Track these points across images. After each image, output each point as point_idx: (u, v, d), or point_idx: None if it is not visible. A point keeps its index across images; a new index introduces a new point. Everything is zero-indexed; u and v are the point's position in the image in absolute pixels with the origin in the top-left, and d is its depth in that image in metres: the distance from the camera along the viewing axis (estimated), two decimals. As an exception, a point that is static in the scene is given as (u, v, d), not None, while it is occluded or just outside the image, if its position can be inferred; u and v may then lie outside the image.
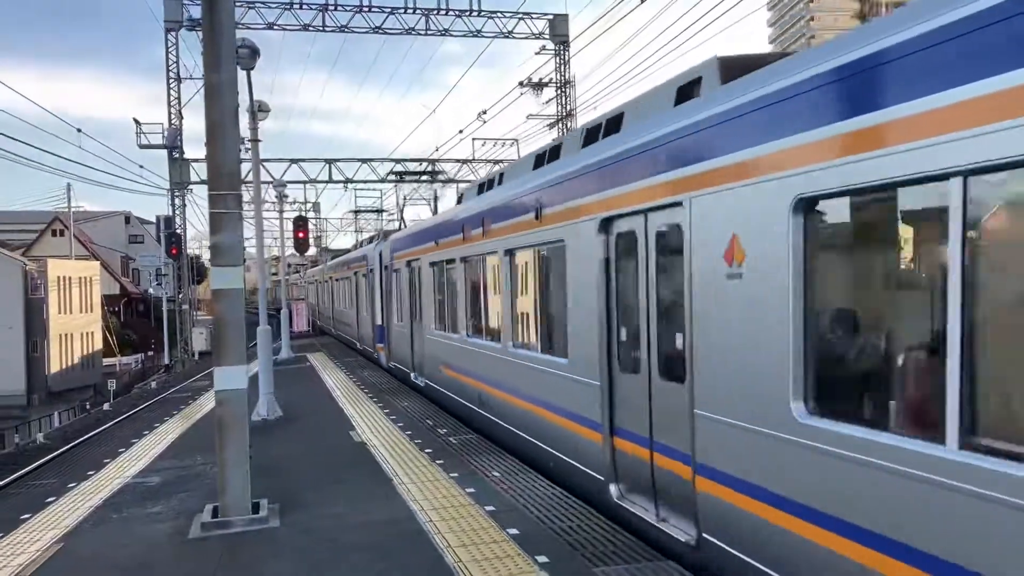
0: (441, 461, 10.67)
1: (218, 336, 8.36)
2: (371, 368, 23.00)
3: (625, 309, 6.94)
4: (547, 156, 9.48)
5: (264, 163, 40.03)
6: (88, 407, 36.01)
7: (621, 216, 6.81)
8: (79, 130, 22.98)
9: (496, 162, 40.92)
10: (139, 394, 28.88)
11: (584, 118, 63.37)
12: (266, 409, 14.83)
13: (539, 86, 41.70)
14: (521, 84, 37.75)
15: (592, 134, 8.07)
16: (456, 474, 9.91)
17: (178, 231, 38.20)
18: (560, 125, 41.85)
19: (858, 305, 4.63)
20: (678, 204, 5.92)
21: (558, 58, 41.80)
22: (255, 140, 16.17)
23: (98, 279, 59.72)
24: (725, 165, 5.30)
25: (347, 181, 40.68)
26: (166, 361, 46.01)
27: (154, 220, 52.42)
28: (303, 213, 53.88)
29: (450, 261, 12.65)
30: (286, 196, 33.51)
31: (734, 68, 5.91)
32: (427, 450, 11.47)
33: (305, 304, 46.51)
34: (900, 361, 4.18)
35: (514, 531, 7.52)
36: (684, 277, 5.82)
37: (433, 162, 40.30)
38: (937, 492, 3.65)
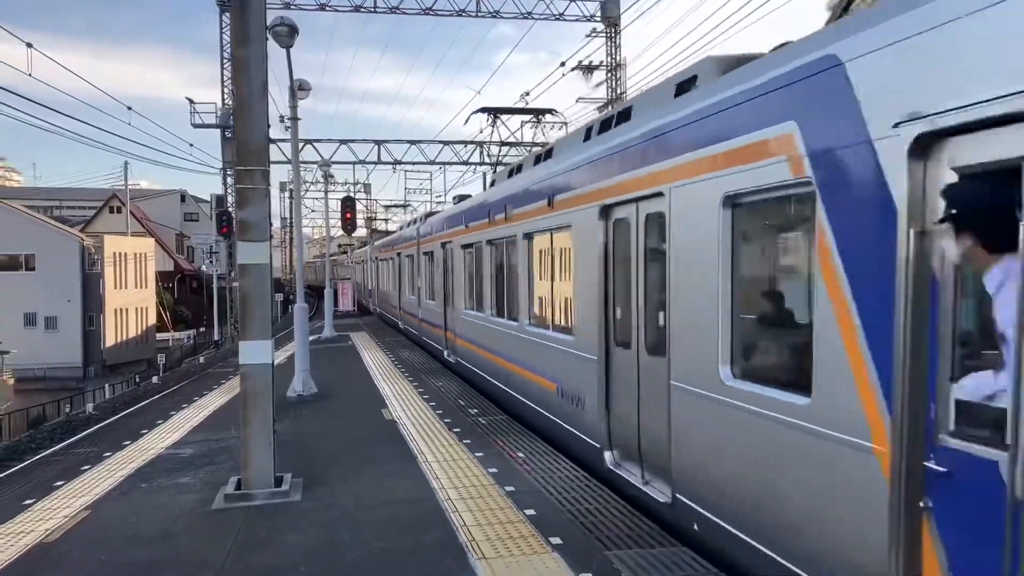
0: (468, 441, 10.67)
1: (243, 310, 8.41)
2: (411, 348, 23.09)
3: (620, 290, 7.67)
4: (560, 146, 10.38)
5: (314, 143, 40.40)
6: (138, 380, 36.79)
7: (618, 203, 7.53)
8: (129, 108, 23.26)
9: (543, 145, 40.76)
10: (187, 368, 29.36)
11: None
12: (301, 385, 14.97)
13: (589, 69, 41.33)
14: (563, 64, 37.30)
15: (605, 125, 8.66)
16: (481, 454, 9.90)
17: (229, 210, 38.78)
18: (610, 108, 41.45)
19: (756, 288, 5.61)
20: (660, 194, 6.53)
21: (609, 41, 41.37)
22: (294, 119, 16.26)
23: (153, 256, 61.00)
24: (688, 161, 6.00)
25: (396, 163, 40.91)
26: (216, 337, 47.16)
27: (209, 199, 53.20)
28: (351, 194, 54.13)
29: (478, 243, 13.42)
30: (332, 176, 33.72)
31: (728, 66, 6.37)
32: (455, 429, 11.48)
33: (351, 284, 46.83)
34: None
35: (531, 512, 7.50)
36: (666, 260, 6.42)
37: (480, 144, 40.20)
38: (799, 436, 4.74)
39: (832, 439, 4.34)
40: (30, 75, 15.79)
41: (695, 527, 6.07)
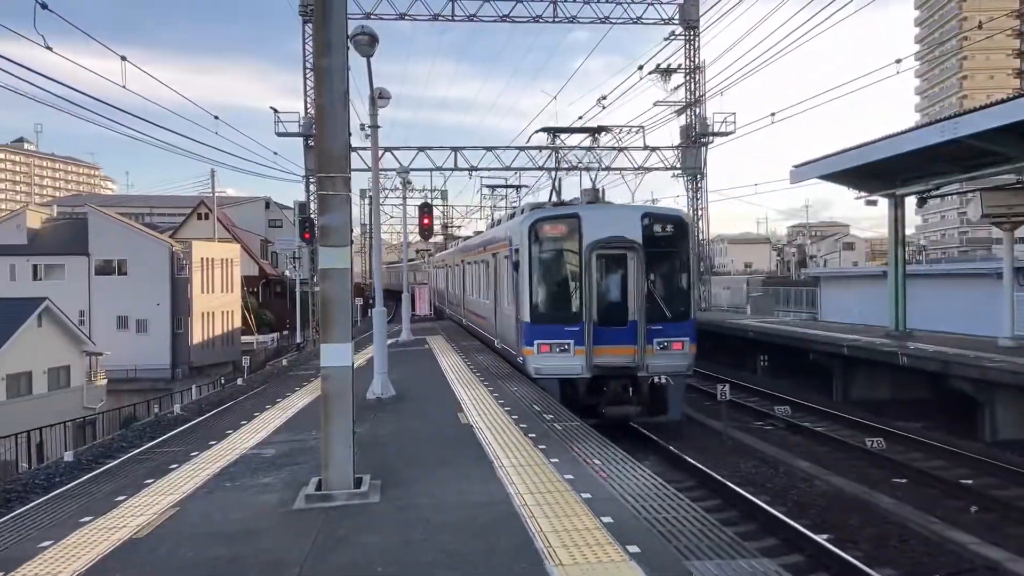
0: (543, 446, 10.64)
1: (324, 314, 8.53)
2: (484, 352, 23.16)
3: (497, 288, 21.16)
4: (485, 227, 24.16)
5: (393, 151, 40.91)
6: (223, 382, 37.65)
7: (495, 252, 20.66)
8: (216, 117, 23.91)
9: (620, 150, 40.48)
10: (270, 370, 30.00)
11: (712, 105, 61.31)
12: (380, 388, 15.15)
13: (667, 72, 40.96)
14: (640, 68, 37.04)
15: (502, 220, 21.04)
16: (556, 460, 9.86)
17: (312, 216, 39.81)
18: (688, 112, 41.21)
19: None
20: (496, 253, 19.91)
21: (688, 44, 40.96)
22: (375, 127, 16.48)
23: (238, 261, 62.60)
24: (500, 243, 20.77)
25: (471, 169, 41.09)
26: (298, 340, 48.05)
27: (292, 206, 54.47)
28: (429, 200, 54.66)
29: (477, 261, 24.74)
30: (410, 183, 34.08)
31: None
32: (531, 435, 11.46)
33: (428, 288, 46.98)
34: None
35: (608, 519, 7.45)
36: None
37: (555, 149, 40.13)
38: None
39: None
40: (124, 87, 16.32)
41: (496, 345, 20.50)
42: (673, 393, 18.44)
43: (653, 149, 41.55)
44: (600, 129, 25.36)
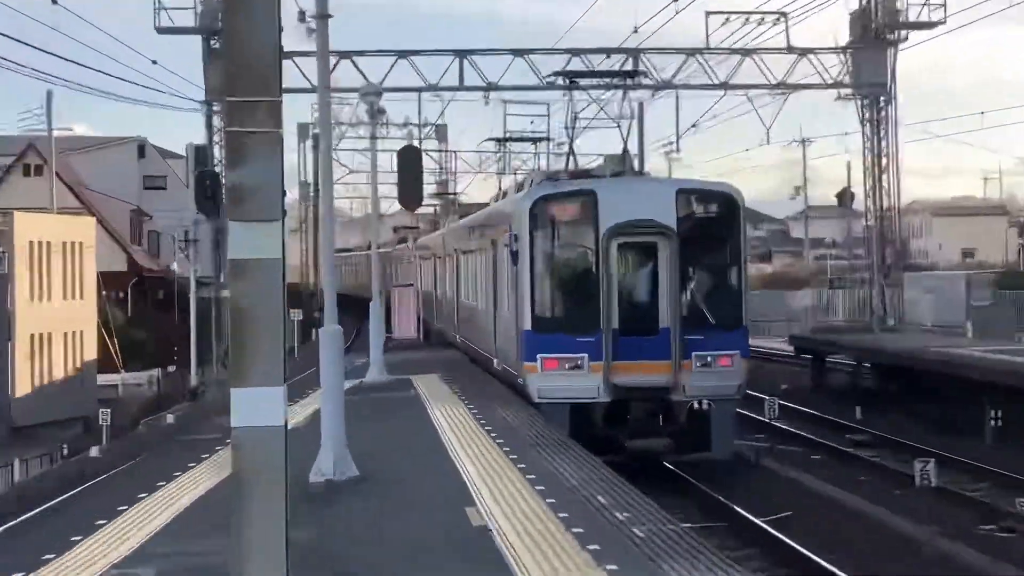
0: (614, 567, 10.58)
1: (237, 337, 8.40)
2: (508, 400, 23.65)
3: (497, 287, 27.92)
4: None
5: (355, 57, 40.88)
6: (66, 452, 37.74)
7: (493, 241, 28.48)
8: (54, 1, 23.96)
9: (746, 52, 40.29)
10: (148, 433, 30.02)
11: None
12: (332, 464, 15.11)
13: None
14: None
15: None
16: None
17: (216, 169, 39.94)
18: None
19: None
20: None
21: None
22: (324, 16, 16.44)
23: (93, 246, 61.45)
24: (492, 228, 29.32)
25: (488, 88, 40.95)
26: (193, 381, 48.04)
27: (183, 152, 54.54)
28: (416, 141, 53.78)
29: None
30: (384, 112, 33.77)
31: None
32: (592, 546, 11.40)
33: (413, 292, 46.89)
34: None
35: None
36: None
37: (633, 52, 40.13)
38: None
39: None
40: None
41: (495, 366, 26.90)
42: (719, 422, 22.77)
43: (803, 53, 41.32)
44: (632, 73, 32.35)
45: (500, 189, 42.08)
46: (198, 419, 28.58)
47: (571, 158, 29.67)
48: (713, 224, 24.01)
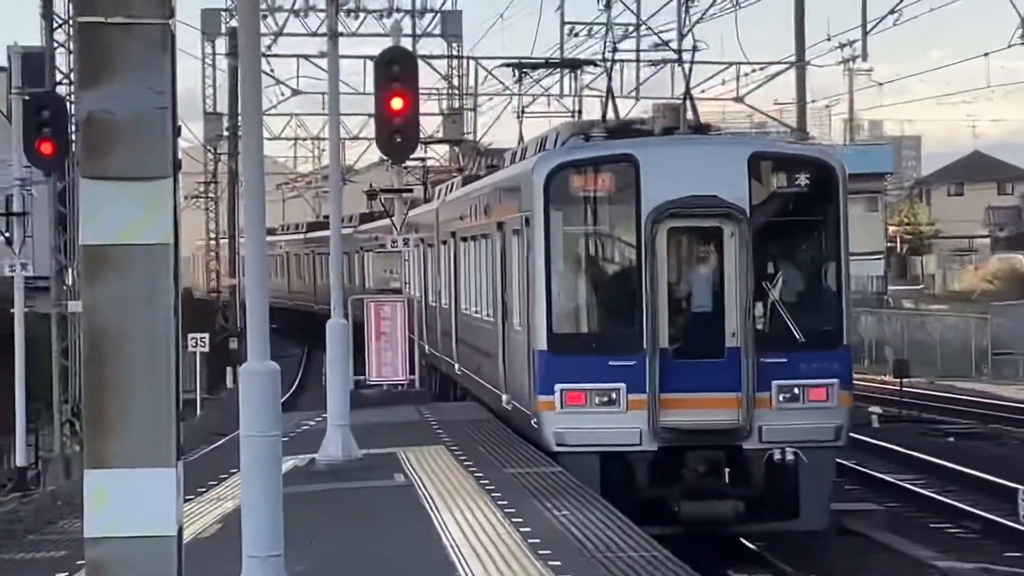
0: None
1: (94, 380, 6.68)
2: (564, 487, 17.81)
3: (507, 290, 22.98)
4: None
5: None
6: None
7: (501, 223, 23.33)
8: None
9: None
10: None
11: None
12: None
13: None
14: None
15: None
16: None
17: (60, 92, 31.67)
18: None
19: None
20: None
21: None
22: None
23: None
24: (498, 205, 23.97)
25: None
26: (20, 459, 34.67)
27: (4, 63, 37.88)
28: (409, 38, 41.88)
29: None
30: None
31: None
32: None
33: (403, 307, 34.75)
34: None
35: None
36: None
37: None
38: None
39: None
40: None
41: (504, 403, 22.60)
42: (810, 480, 17.58)
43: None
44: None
45: (521, 142, 31.37)
46: (32, 523, 21.99)
47: (610, 100, 23.26)
48: (803, 204, 18.79)
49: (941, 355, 57.28)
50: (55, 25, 32.18)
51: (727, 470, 17.65)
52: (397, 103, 20.03)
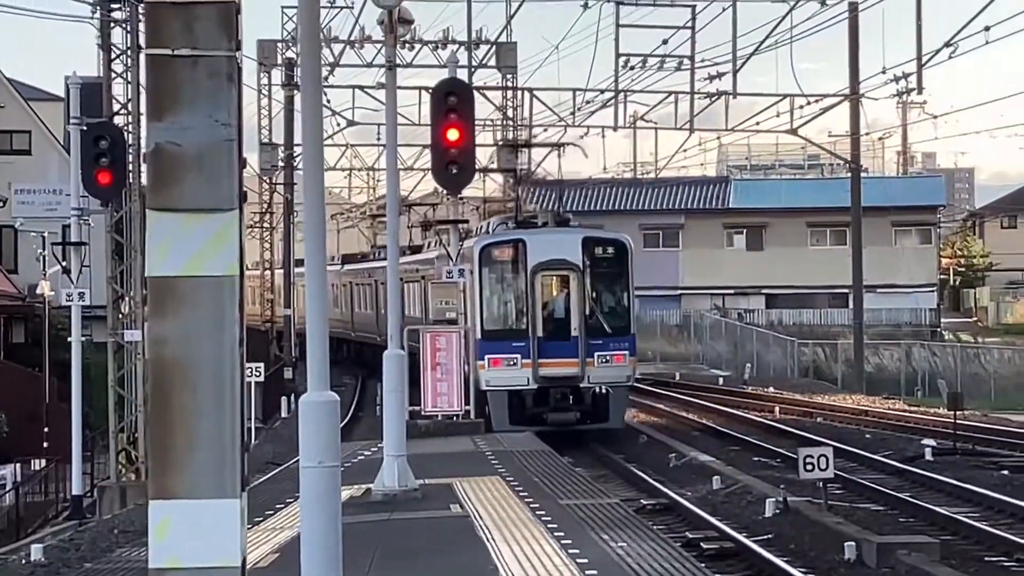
0: None
1: (160, 411, 6.63)
2: (623, 520, 17.89)
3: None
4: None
5: None
6: None
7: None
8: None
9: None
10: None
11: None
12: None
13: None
14: None
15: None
16: None
17: (118, 122, 30.86)
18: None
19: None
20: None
21: None
22: None
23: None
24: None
25: None
26: (76, 487, 33.61)
27: (64, 92, 38.26)
28: (465, 67, 41.18)
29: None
30: (408, 22, 23.76)
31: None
32: None
33: (459, 336, 34.38)
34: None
35: None
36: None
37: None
38: None
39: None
40: None
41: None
42: (614, 403, 33.57)
43: None
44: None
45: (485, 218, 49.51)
46: (88, 551, 21.51)
47: (518, 211, 40.54)
48: (609, 262, 34.52)
49: (995, 388, 56.70)
50: (113, 56, 31.62)
51: (571, 397, 33.48)
52: (453, 134, 20.00)
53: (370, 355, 53.57)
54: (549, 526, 17.24)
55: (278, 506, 19.74)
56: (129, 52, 31.15)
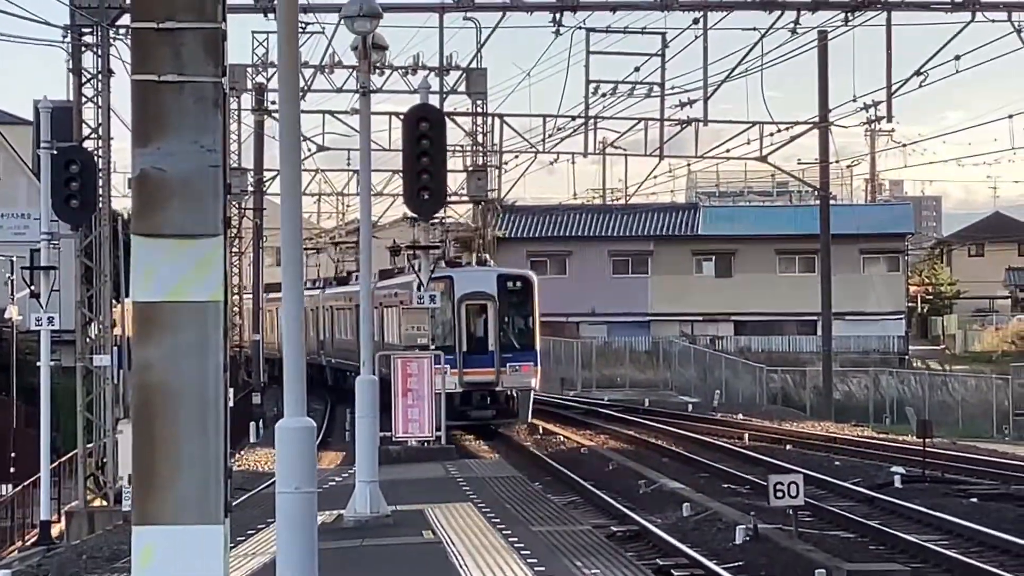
0: None
1: (144, 436, 6.62)
2: (594, 546, 17.98)
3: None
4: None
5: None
6: None
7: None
8: None
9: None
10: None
11: None
12: None
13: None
14: None
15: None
16: None
17: (89, 146, 30.48)
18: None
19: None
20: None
21: None
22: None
23: None
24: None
25: (559, 6, 32.15)
26: (44, 512, 32.35)
27: (32, 117, 37.04)
28: (437, 92, 40.81)
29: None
30: (381, 48, 22.79)
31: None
32: None
33: (430, 363, 34.15)
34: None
35: None
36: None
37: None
38: None
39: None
40: None
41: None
42: (522, 403, 42.96)
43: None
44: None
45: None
46: None
47: (444, 259, 47.11)
48: (518, 293, 43.79)
49: (962, 415, 56.79)
50: (84, 80, 31.39)
51: (489, 399, 42.81)
52: (425, 160, 20.28)
53: (342, 380, 55.41)
54: (522, 553, 17.22)
55: (249, 532, 19.60)
56: (100, 76, 30.87)
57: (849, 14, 34.41)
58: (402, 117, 22.05)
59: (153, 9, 6.34)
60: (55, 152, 29.70)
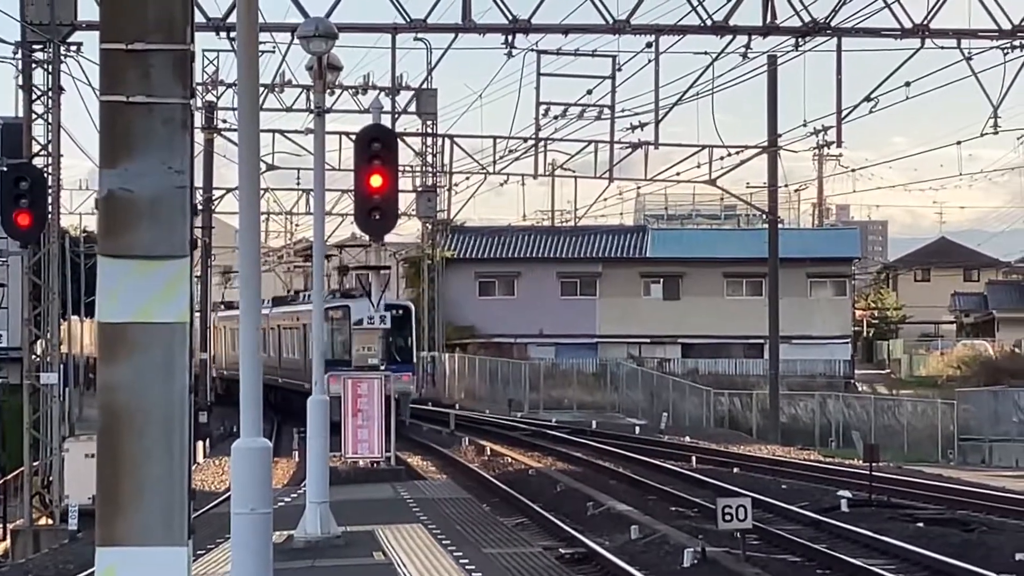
0: None
1: (108, 457, 6.59)
2: (535, 573, 18.15)
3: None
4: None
5: None
6: None
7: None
8: None
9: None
10: None
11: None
12: None
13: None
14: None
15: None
16: None
17: (40, 164, 30.69)
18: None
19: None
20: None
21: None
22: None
23: None
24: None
25: (513, 30, 31.75)
26: None
27: None
28: (390, 113, 41.57)
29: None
30: (336, 68, 22.43)
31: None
32: None
33: (380, 384, 34.55)
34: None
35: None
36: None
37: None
38: None
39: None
40: None
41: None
42: (403, 405, 50.23)
43: None
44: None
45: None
46: None
47: (339, 292, 56.51)
48: (401, 319, 50.98)
49: (908, 440, 57.18)
50: (34, 96, 31.34)
51: None
52: (377, 180, 19.86)
53: (290, 398, 56.81)
54: (472, 575, 17.24)
55: (200, 552, 19.03)
56: (51, 93, 30.88)
57: (800, 39, 34.67)
58: (354, 137, 21.68)
59: (123, 30, 6.30)
60: (5, 169, 29.42)
